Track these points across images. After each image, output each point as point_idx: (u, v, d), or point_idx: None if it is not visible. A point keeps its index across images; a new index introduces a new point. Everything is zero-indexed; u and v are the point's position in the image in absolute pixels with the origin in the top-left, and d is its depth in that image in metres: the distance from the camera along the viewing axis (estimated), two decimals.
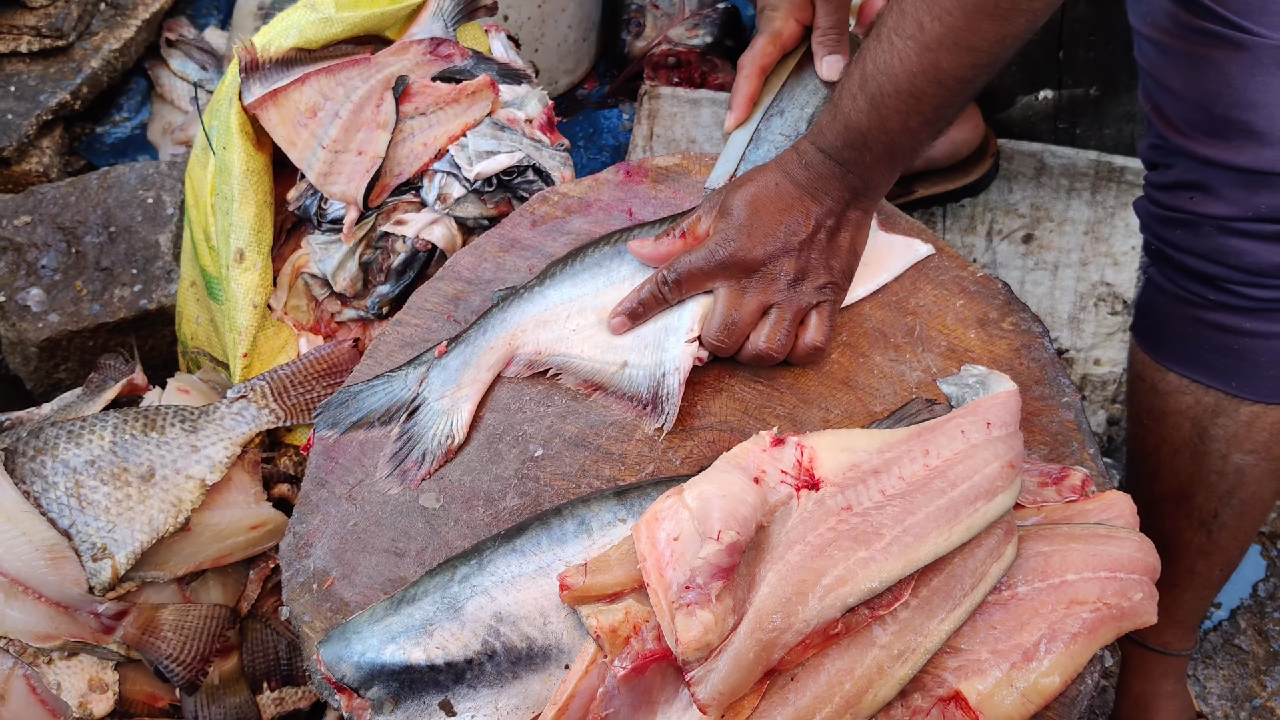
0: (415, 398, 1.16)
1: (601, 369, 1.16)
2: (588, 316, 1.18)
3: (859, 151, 1.08)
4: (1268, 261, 1.09)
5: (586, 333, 1.17)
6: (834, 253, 1.13)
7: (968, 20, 0.98)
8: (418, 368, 1.18)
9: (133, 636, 1.25)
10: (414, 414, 1.15)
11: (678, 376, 1.13)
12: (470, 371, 1.16)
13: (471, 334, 1.19)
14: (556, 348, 1.17)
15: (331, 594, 1.06)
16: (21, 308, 1.76)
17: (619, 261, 1.20)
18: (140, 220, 1.84)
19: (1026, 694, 0.95)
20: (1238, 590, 1.66)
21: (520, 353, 1.17)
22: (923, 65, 1.01)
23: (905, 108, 1.03)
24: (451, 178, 1.41)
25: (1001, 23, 0.98)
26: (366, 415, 1.16)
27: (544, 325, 1.18)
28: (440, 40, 1.50)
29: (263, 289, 1.42)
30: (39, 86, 2.14)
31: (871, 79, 1.04)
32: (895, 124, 1.05)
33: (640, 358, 1.16)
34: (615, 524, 0.99)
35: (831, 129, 1.08)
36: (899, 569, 0.94)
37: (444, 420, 1.14)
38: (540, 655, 0.95)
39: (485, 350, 1.17)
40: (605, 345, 1.17)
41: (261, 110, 1.40)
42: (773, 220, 1.10)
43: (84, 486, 1.24)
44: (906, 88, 1.02)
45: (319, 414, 1.18)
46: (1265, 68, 1.03)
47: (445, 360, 1.17)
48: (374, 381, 1.19)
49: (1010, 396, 1.07)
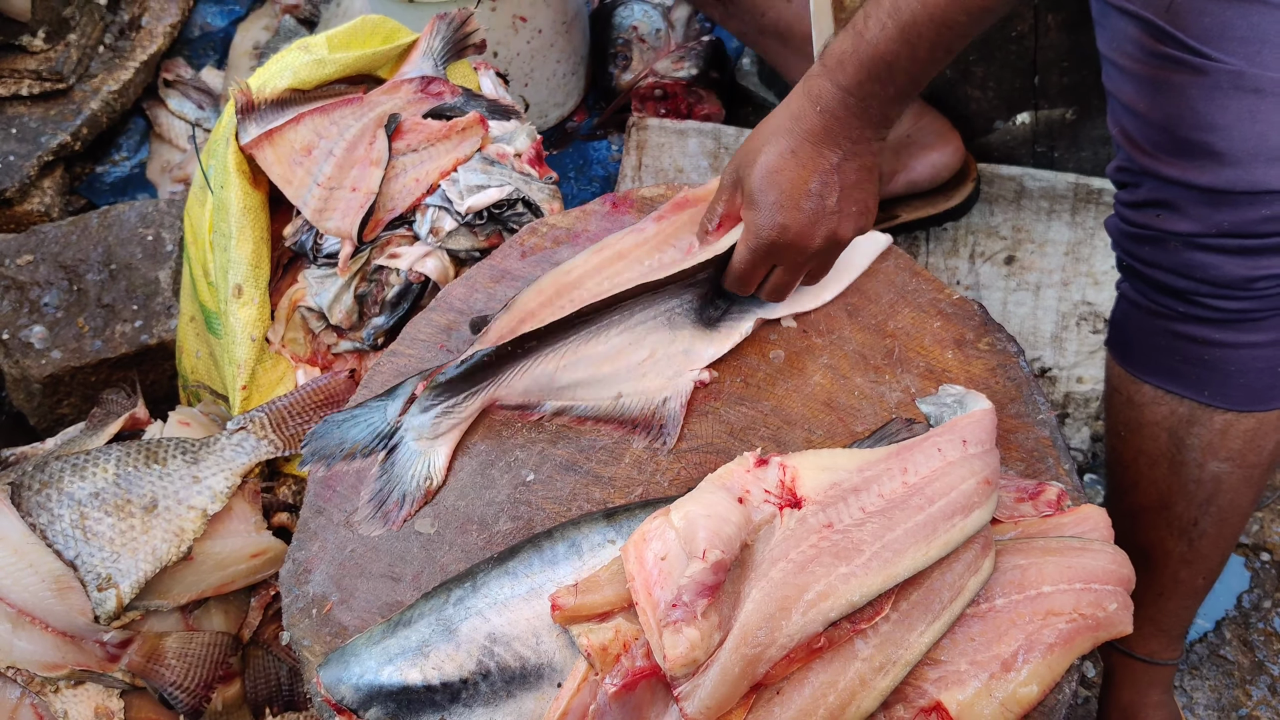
0: (394, 433, 1.17)
1: (596, 405, 1.18)
2: (580, 367, 1.19)
3: (882, 84, 1.08)
4: (1232, 274, 1.13)
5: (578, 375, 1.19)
6: (863, 188, 1.14)
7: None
8: (396, 398, 1.18)
9: (137, 664, 1.27)
10: (392, 452, 1.16)
11: (679, 400, 1.17)
12: (449, 419, 1.17)
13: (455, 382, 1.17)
14: (543, 395, 1.19)
15: (330, 619, 1.09)
16: (25, 345, 1.80)
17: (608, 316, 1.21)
18: (140, 257, 1.87)
19: (1005, 703, 0.98)
20: (1222, 602, 1.69)
21: (506, 400, 1.19)
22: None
23: (935, 36, 1.04)
24: (443, 211, 1.45)
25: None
26: (351, 446, 1.17)
27: (528, 375, 1.19)
28: (431, 78, 1.54)
29: (260, 323, 1.45)
30: (40, 128, 2.18)
31: (905, 7, 1.04)
32: (924, 53, 1.06)
33: (633, 386, 1.19)
34: (605, 545, 1.02)
35: (854, 60, 1.08)
36: (879, 584, 0.97)
37: (421, 461, 1.15)
38: (533, 674, 0.97)
39: (465, 396, 1.17)
40: (597, 382, 1.19)
41: (258, 150, 1.44)
42: (799, 191, 1.11)
43: (88, 518, 1.27)
44: (941, 16, 1.03)
45: (305, 444, 1.18)
46: (1224, 91, 1.07)
47: (425, 401, 1.17)
48: (355, 411, 1.20)
49: (985, 415, 1.10)
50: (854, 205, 1.15)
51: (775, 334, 1.24)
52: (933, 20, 1.04)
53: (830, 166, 1.12)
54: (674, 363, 1.20)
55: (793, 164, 1.12)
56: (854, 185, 1.13)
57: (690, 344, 1.22)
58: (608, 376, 1.19)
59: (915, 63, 1.07)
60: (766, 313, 1.25)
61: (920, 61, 1.07)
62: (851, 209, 1.14)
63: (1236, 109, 1.07)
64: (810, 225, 1.13)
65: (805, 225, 1.13)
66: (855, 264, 1.26)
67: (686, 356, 1.21)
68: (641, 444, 1.17)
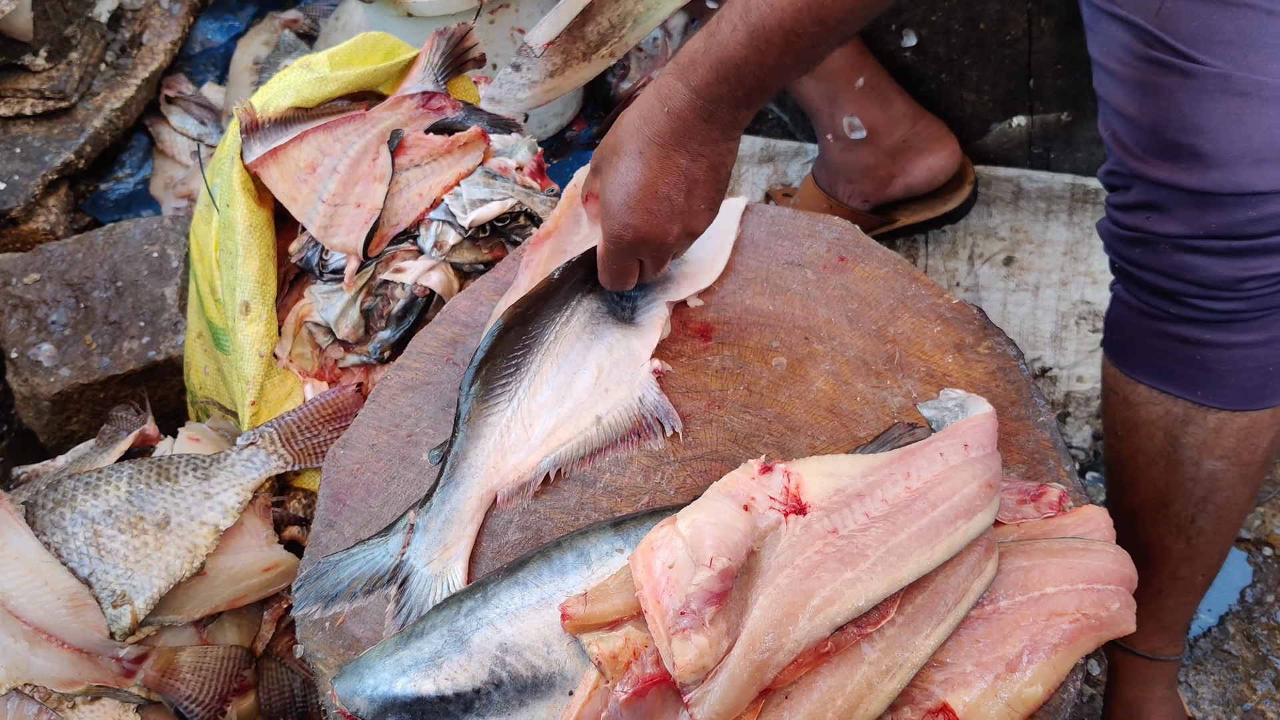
0: (400, 565, 1.11)
1: (585, 440, 1.18)
2: (540, 416, 1.19)
3: (731, 86, 1.06)
4: (1220, 275, 1.14)
5: (548, 423, 1.18)
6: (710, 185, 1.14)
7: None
8: (395, 534, 1.13)
9: (153, 679, 1.29)
10: (404, 584, 1.10)
11: (653, 391, 1.19)
12: (454, 528, 1.12)
13: (444, 491, 1.14)
14: (531, 460, 1.16)
15: (343, 631, 1.10)
16: (33, 363, 1.81)
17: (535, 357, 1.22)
18: (146, 274, 1.89)
19: (1011, 704, 0.99)
20: (1226, 597, 1.70)
21: (503, 488, 1.15)
22: (807, 2, 1.00)
23: (784, 43, 1.02)
24: (447, 225, 1.47)
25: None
26: (349, 587, 1.11)
27: (508, 451, 1.17)
28: (432, 94, 1.56)
29: (268, 339, 1.47)
30: (44, 147, 2.20)
31: (754, 11, 1.02)
32: (772, 59, 1.04)
33: (606, 404, 1.19)
34: (613, 554, 1.03)
35: (704, 62, 1.07)
36: (884, 588, 0.98)
37: (439, 584, 1.09)
38: (545, 683, 0.98)
39: (463, 502, 1.14)
40: (570, 419, 1.18)
41: (262, 168, 1.45)
42: (646, 195, 1.12)
43: (102, 536, 1.28)
44: (790, 23, 1.01)
45: (299, 588, 1.12)
46: (1210, 95, 1.08)
47: (424, 522, 1.13)
48: (353, 550, 1.14)
49: (986, 419, 1.11)
50: (702, 202, 1.15)
51: (777, 341, 1.26)
52: (781, 26, 1.02)
53: (678, 169, 1.12)
54: (624, 368, 1.22)
55: (640, 168, 1.12)
56: (701, 183, 1.13)
57: (626, 344, 1.23)
58: (574, 409, 1.19)
59: (764, 68, 1.05)
60: (670, 296, 1.28)
61: (769, 67, 1.05)
62: (700, 206, 1.15)
63: (1223, 112, 1.08)
64: (662, 224, 1.14)
65: (656, 224, 1.14)
66: (727, 233, 1.31)
67: (631, 357, 1.23)
68: (656, 445, 1.18)
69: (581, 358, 1.23)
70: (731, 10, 1.05)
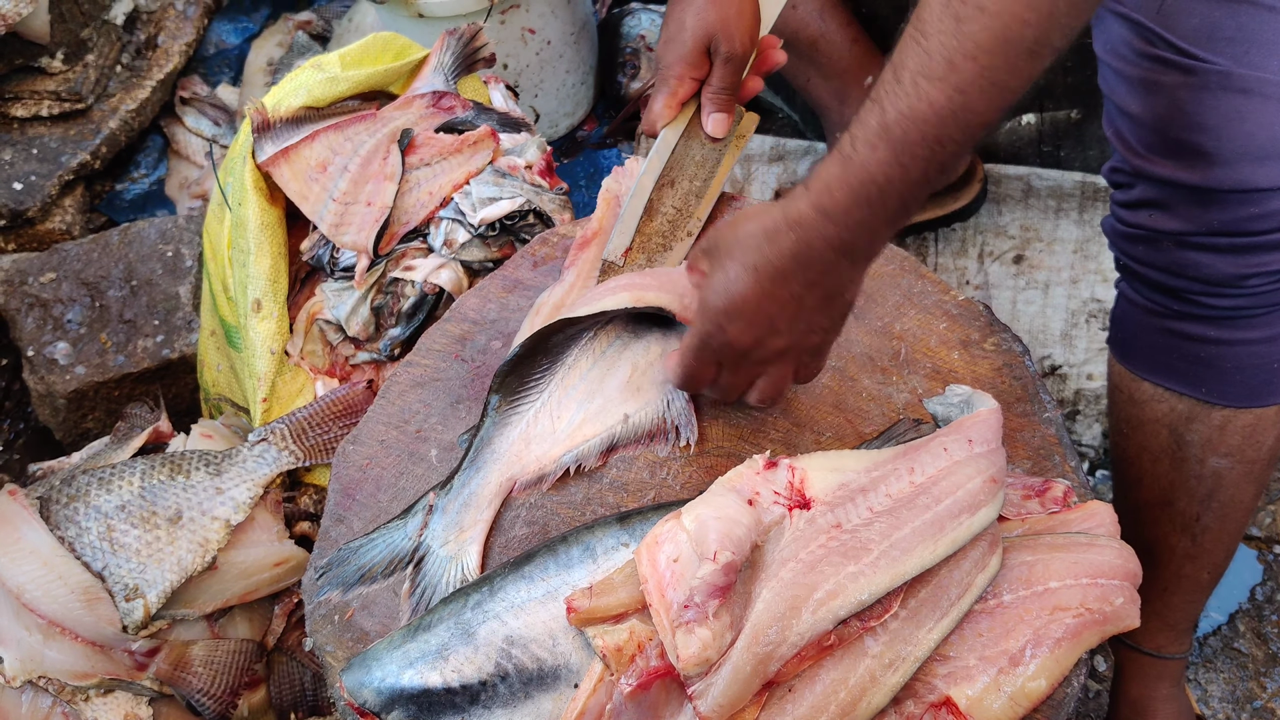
0: (418, 547, 1.13)
1: (608, 436, 1.18)
2: (569, 409, 1.19)
3: (872, 210, 0.98)
4: (1223, 272, 1.15)
5: (576, 417, 1.19)
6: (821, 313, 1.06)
7: (1007, 60, 0.92)
8: (414, 516, 1.15)
9: (165, 672, 1.30)
10: (420, 564, 1.12)
11: (682, 398, 1.19)
12: (471, 512, 1.14)
13: (464, 475, 1.16)
14: (554, 452, 1.17)
15: (352, 624, 1.12)
16: (49, 361, 1.83)
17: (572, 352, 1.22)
18: (160, 273, 1.91)
19: (1014, 698, 0.99)
20: (1235, 595, 1.70)
21: (522, 477, 1.16)
22: (953, 109, 0.93)
23: (929, 154, 0.95)
24: (456, 224, 1.48)
25: (1035, 60, 0.92)
26: (369, 570, 1.13)
27: (532, 441, 1.18)
28: (442, 93, 1.57)
29: (280, 336, 1.48)
30: (60, 148, 2.22)
31: (895, 125, 0.95)
32: (917, 173, 0.96)
33: (636, 403, 1.20)
34: (618, 548, 1.04)
35: (841, 186, 0.98)
36: (887, 582, 0.98)
37: (453, 566, 1.11)
38: (550, 675, 0.99)
39: (481, 487, 1.15)
40: (598, 415, 1.19)
41: (274, 167, 1.47)
42: (751, 311, 1.04)
43: (115, 530, 1.30)
44: (934, 134, 0.94)
45: (320, 574, 1.14)
46: (1212, 92, 1.08)
47: (443, 504, 1.15)
48: (372, 534, 1.16)
49: (991, 415, 1.11)
50: (806, 326, 1.06)
51: None
52: (925, 139, 0.94)
53: (790, 296, 1.03)
54: (659, 369, 1.23)
55: (750, 283, 1.03)
56: (813, 309, 1.05)
57: (664, 345, 1.24)
58: (603, 405, 1.19)
59: (908, 184, 0.97)
60: None
61: (912, 183, 0.97)
62: (801, 328, 1.06)
63: (1224, 109, 1.09)
64: (758, 337, 1.06)
65: (751, 336, 1.06)
66: None
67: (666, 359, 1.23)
68: (665, 450, 1.19)
69: (618, 354, 1.23)
70: (864, 130, 0.97)
